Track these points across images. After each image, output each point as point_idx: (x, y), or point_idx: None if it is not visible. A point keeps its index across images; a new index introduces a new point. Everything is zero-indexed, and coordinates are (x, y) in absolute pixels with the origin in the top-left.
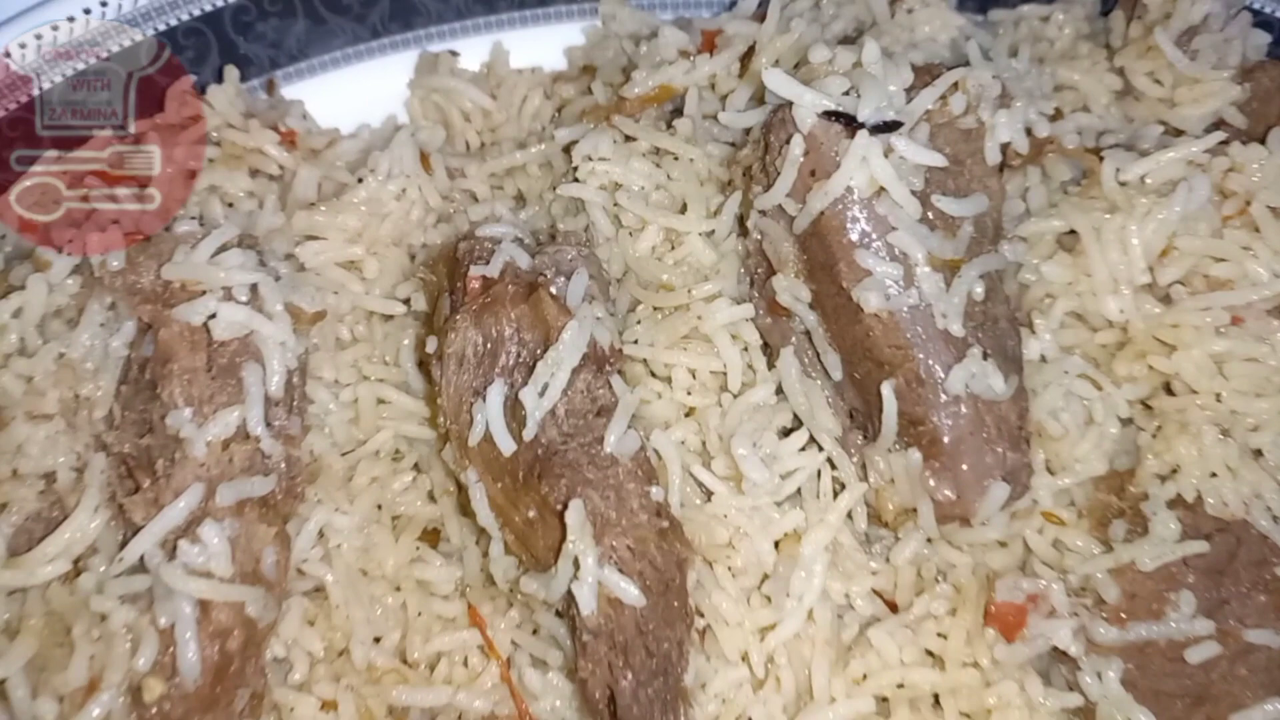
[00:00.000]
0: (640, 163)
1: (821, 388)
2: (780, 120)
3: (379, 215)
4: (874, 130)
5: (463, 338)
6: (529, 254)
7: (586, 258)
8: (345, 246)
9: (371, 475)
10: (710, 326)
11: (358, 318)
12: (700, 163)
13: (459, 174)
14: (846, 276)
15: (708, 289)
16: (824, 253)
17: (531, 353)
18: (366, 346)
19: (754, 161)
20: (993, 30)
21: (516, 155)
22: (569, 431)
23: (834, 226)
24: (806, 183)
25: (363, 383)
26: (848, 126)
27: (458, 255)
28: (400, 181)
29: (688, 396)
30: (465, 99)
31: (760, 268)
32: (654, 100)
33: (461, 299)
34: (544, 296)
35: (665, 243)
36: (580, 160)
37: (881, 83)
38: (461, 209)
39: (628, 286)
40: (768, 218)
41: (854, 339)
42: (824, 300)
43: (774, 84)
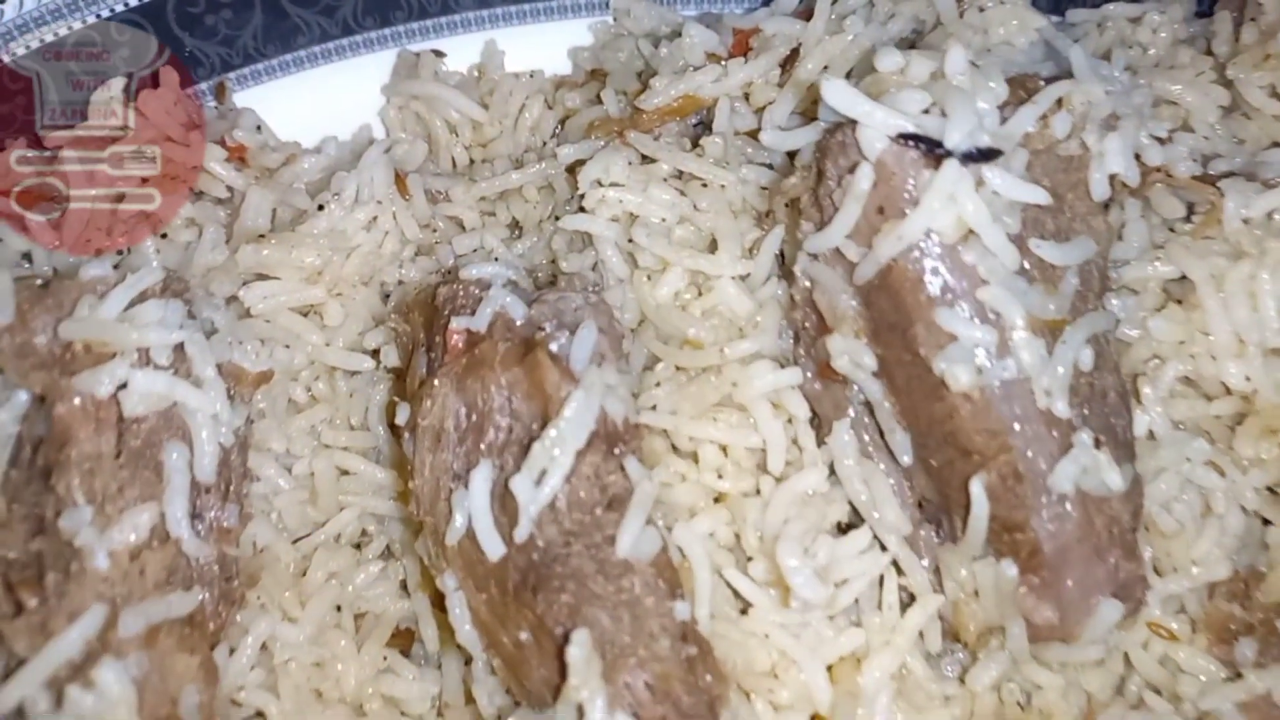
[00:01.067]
0: (660, 189)
1: (885, 472)
2: (840, 143)
3: (344, 249)
4: (965, 159)
5: (441, 407)
6: (524, 302)
7: (595, 306)
8: (302, 288)
9: (329, 569)
10: (747, 394)
11: (316, 374)
12: (733, 190)
13: (442, 197)
14: (924, 341)
15: (744, 348)
16: (894, 310)
17: (526, 429)
18: (326, 408)
19: (803, 192)
20: (1072, 33)
21: (512, 176)
22: (572, 530)
23: (908, 278)
24: (873, 222)
25: (321, 453)
26: (930, 154)
27: (437, 302)
28: (370, 208)
29: (718, 480)
30: (451, 108)
31: (809, 321)
32: (676, 113)
33: (440, 357)
34: (542, 358)
35: (691, 288)
36: (588, 186)
37: (971, 98)
38: (445, 240)
39: (644, 339)
40: (820, 263)
41: (931, 418)
42: (892, 368)
43: (835, 98)
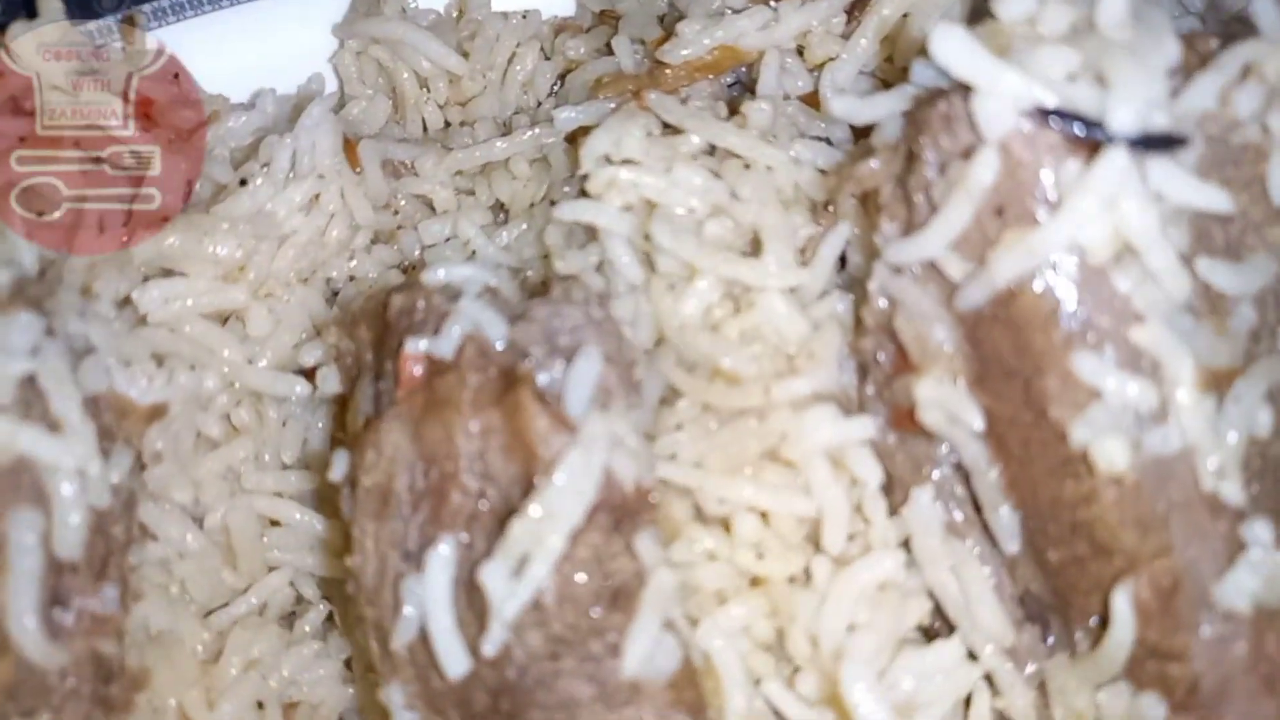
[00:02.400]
0: (688, 170)
1: (980, 557)
2: (946, 117)
3: (274, 237)
4: (1134, 148)
5: (390, 460)
6: (505, 318)
7: (599, 325)
8: (218, 287)
9: (250, 653)
10: (799, 449)
11: (237, 398)
12: (783, 173)
13: (407, 170)
14: (1056, 398)
15: (796, 388)
16: (1014, 352)
17: (503, 495)
18: (248, 443)
19: (884, 181)
20: None
21: (496, 145)
22: (563, 637)
23: (1038, 310)
24: (989, 229)
25: (240, 499)
26: (1082, 138)
27: (389, 315)
28: (309, 183)
29: (757, 560)
30: (421, 55)
31: (884, 353)
32: (710, 69)
33: (392, 392)
34: (526, 400)
35: (726, 301)
36: (593, 162)
37: (1141, 61)
38: (410, 225)
39: (663, 365)
40: (907, 278)
41: (1058, 499)
42: (1004, 427)
43: (948, 52)
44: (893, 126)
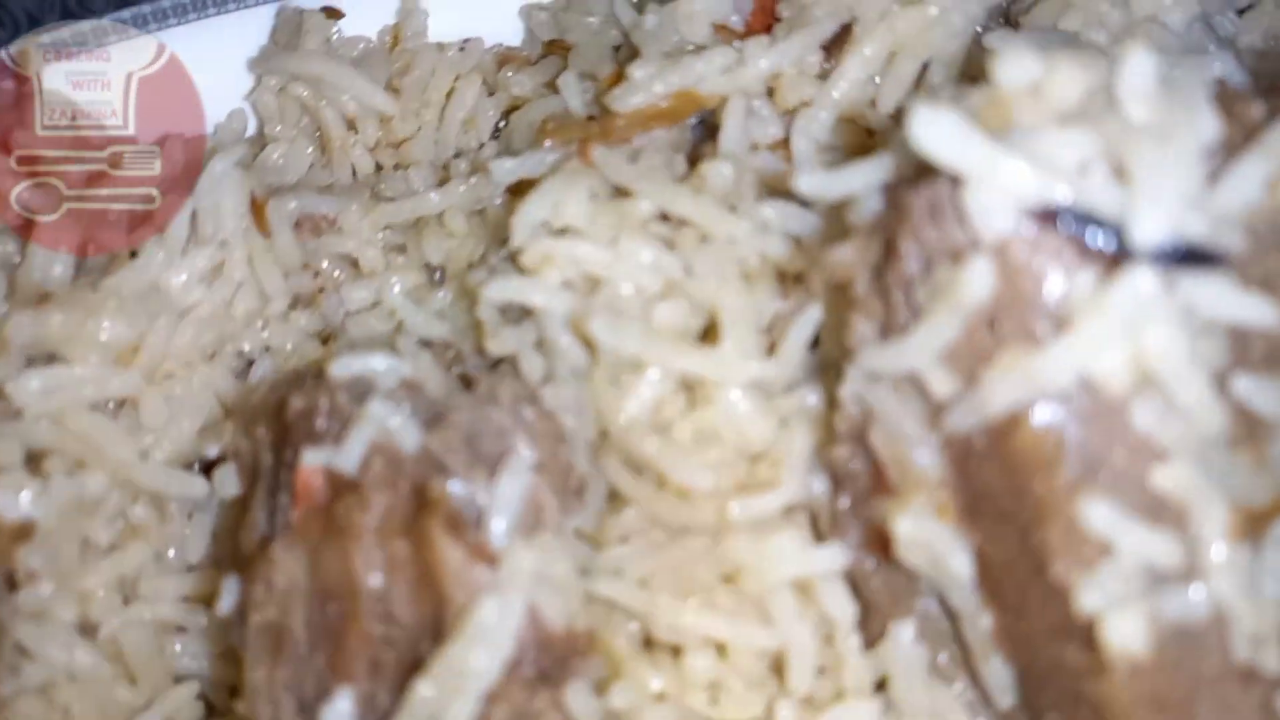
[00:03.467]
0: (636, 243)
1: (970, 707)
2: (931, 208)
3: (172, 312)
4: (1163, 264)
5: (284, 594)
6: (420, 422)
7: (531, 427)
8: (106, 373)
9: None
10: (762, 577)
11: (132, 496)
12: (747, 243)
13: (330, 226)
14: (1059, 551)
15: (759, 507)
16: (1009, 492)
17: (411, 641)
18: (143, 548)
19: (860, 271)
20: (1229, 3)
21: (430, 197)
22: None
23: (1037, 446)
24: (981, 344)
25: (136, 608)
26: (1097, 249)
27: (287, 418)
28: (211, 251)
29: (711, 705)
30: (346, 93)
31: (858, 464)
32: (666, 118)
33: (289, 510)
34: (436, 533)
35: (679, 394)
36: (527, 233)
37: (1173, 150)
38: (333, 286)
39: (608, 466)
40: (885, 388)
41: (1059, 665)
42: (998, 572)
43: (931, 139)
44: (871, 202)
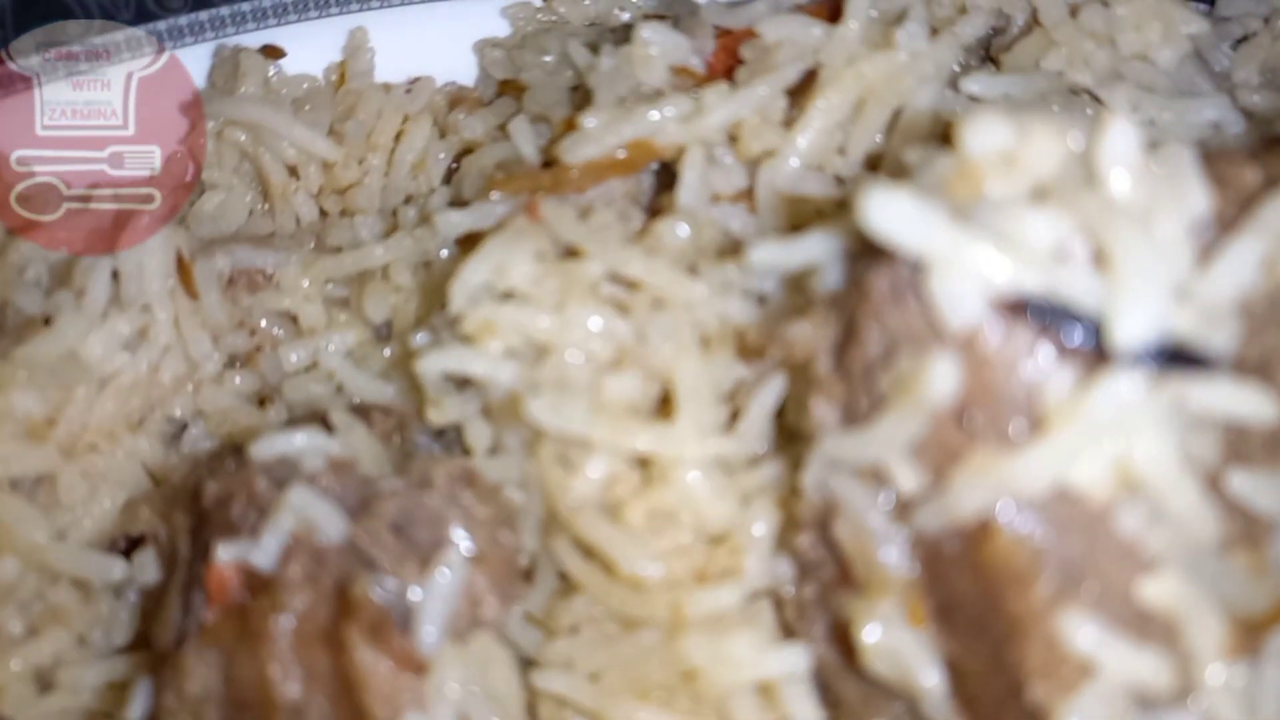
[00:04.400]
0: (585, 308)
1: None
2: (894, 293)
3: (93, 381)
4: (1150, 365)
5: (196, 703)
6: (345, 511)
7: (468, 512)
8: (18, 451)
9: None
10: (719, 680)
11: (50, 578)
12: (706, 307)
13: (265, 281)
14: (1037, 672)
15: (718, 600)
16: (981, 603)
17: None
18: (62, 634)
19: (820, 348)
20: (1224, 33)
21: (376, 251)
22: None
23: (1011, 556)
24: (950, 440)
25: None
26: (1075, 346)
27: (203, 506)
28: (136, 314)
29: None
30: (286, 139)
31: (821, 551)
32: (622, 169)
33: (200, 611)
34: (357, 641)
35: (631, 473)
36: (466, 300)
37: (1159, 233)
38: (269, 347)
39: (557, 548)
40: (847, 476)
41: None
42: (973, 684)
43: (887, 222)
44: (832, 272)
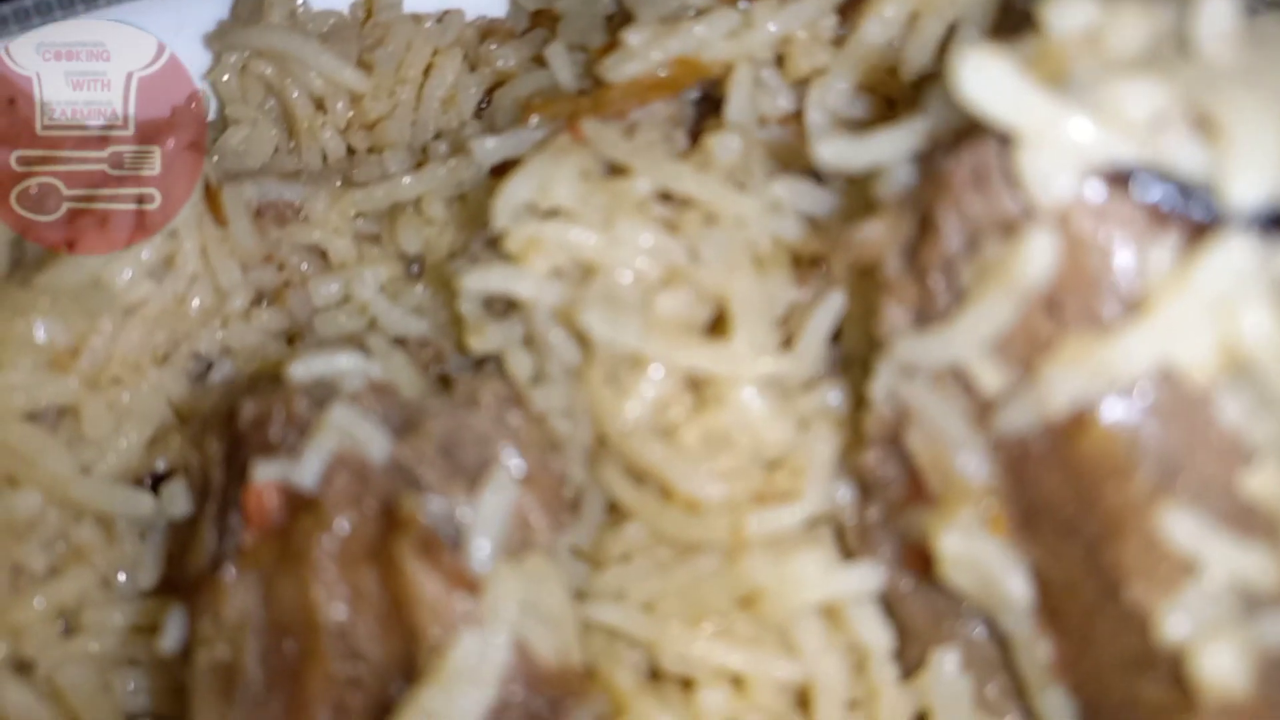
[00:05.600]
0: (635, 225)
1: None
2: (976, 174)
3: (118, 310)
4: (1259, 229)
5: (234, 630)
6: (389, 429)
7: (516, 434)
8: (40, 380)
9: None
10: (783, 602)
11: (73, 516)
12: (758, 224)
13: (296, 215)
14: (1135, 571)
15: (780, 520)
16: (1073, 502)
17: (380, 680)
18: (86, 573)
19: (889, 252)
20: None
21: (404, 182)
22: None
23: (1108, 448)
24: (1039, 329)
25: (77, 642)
26: (1182, 216)
27: (238, 428)
28: (162, 241)
29: None
30: (313, 69)
31: (890, 471)
32: (665, 89)
33: (240, 532)
34: (407, 557)
35: (685, 394)
36: (511, 216)
37: (1269, 96)
38: (299, 281)
39: (606, 476)
40: (922, 383)
41: (1131, 700)
42: (1059, 591)
43: (979, 88)
44: (901, 174)
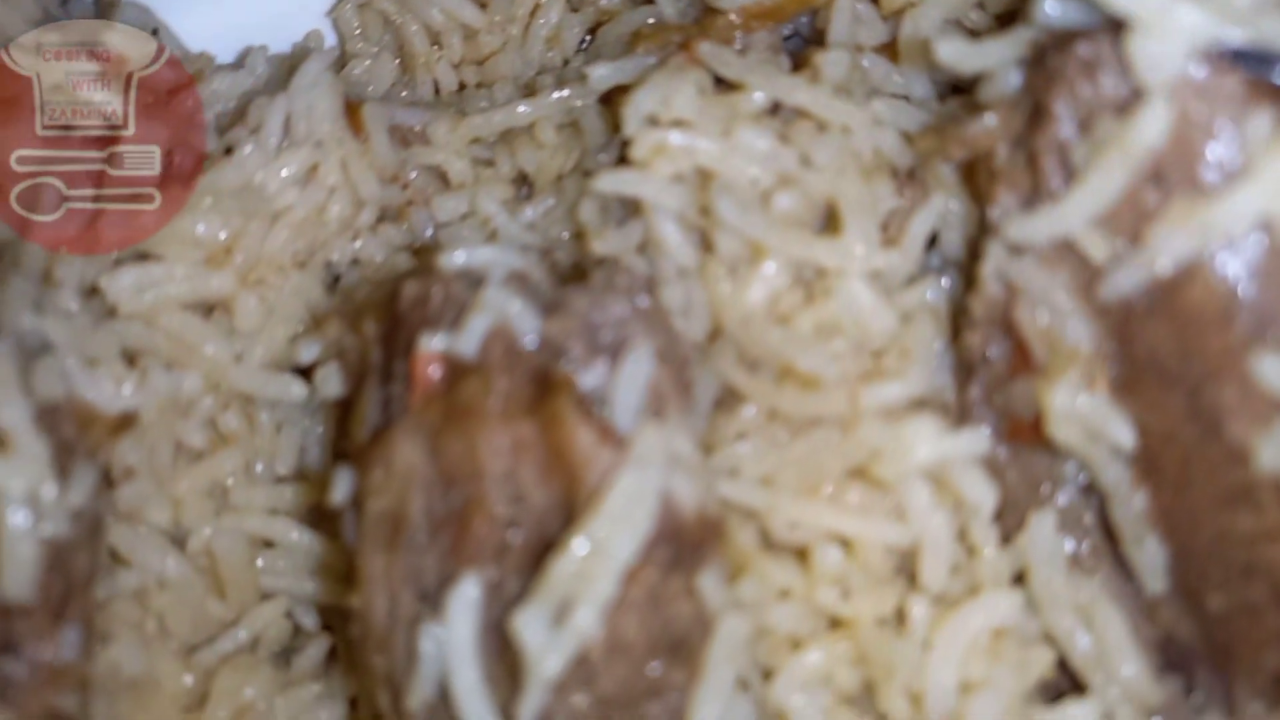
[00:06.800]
0: (752, 132)
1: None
2: (1087, 63)
3: (265, 214)
4: None
5: (402, 480)
6: (537, 309)
7: (649, 317)
8: (200, 273)
9: (240, 699)
10: (895, 466)
11: (222, 402)
12: (863, 135)
13: (418, 138)
14: (1234, 410)
15: (890, 393)
16: (1177, 352)
17: (539, 525)
18: (236, 454)
19: (1000, 144)
20: None
21: (519, 108)
22: (613, 697)
23: (1210, 299)
24: (1144, 201)
25: (229, 518)
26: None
27: (399, 307)
28: (306, 152)
29: (841, 599)
30: (434, 6)
31: (995, 350)
32: (771, 17)
33: (404, 399)
34: (566, 410)
35: (796, 288)
36: (638, 124)
37: None
38: (421, 201)
39: (720, 364)
40: (1030, 260)
41: (1227, 533)
42: (1157, 443)
43: None
44: (1009, 78)
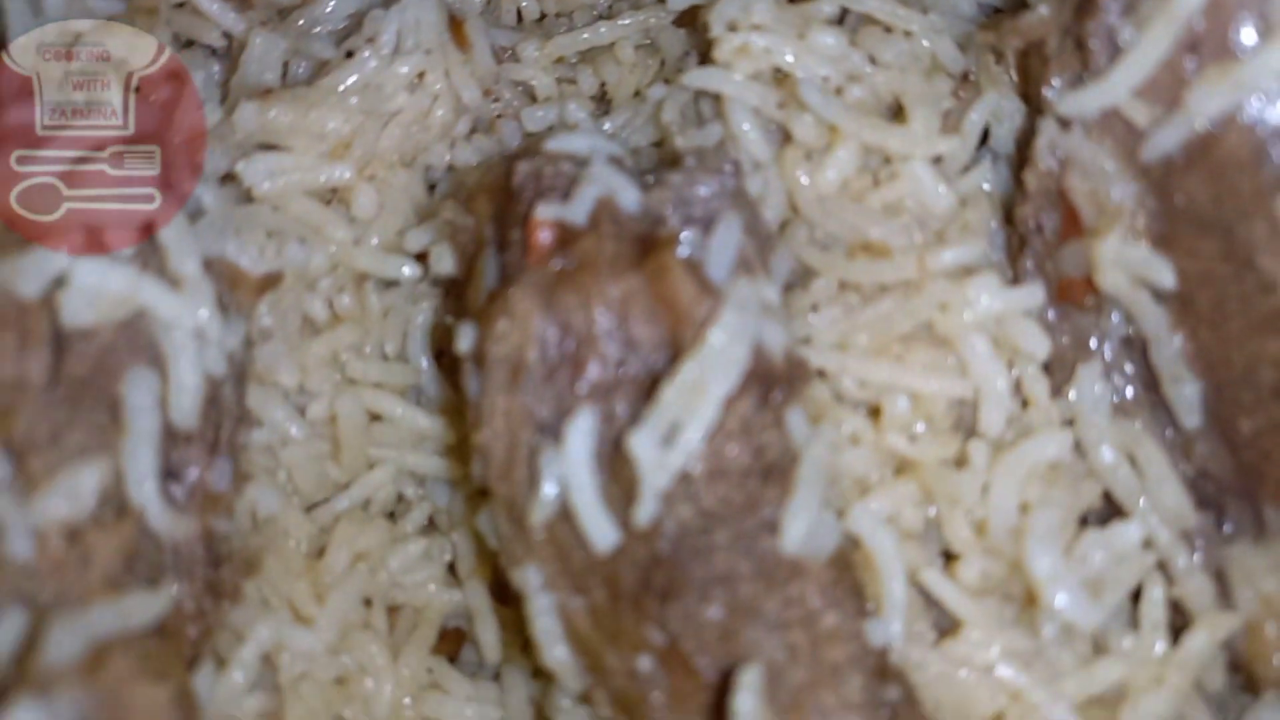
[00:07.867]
0: (824, 36)
1: (1151, 437)
2: None
3: (379, 115)
4: None
5: (521, 329)
6: (638, 184)
7: (736, 196)
8: (323, 164)
9: (356, 548)
10: (958, 321)
11: (340, 283)
12: (927, 40)
13: (507, 56)
14: (1265, 244)
15: (954, 257)
16: (1212, 198)
17: (646, 363)
18: (354, 330)
19: (1052, 32)
20: None
21: (600, 29)
22: (714, 511)
23: (1242, 147)
24: (1181, 69)
25: (347, 390)
26: None
27: (513, 183)
28: (417, 60)
29: (909, 443)
30: None
31: (1044, 220)
32: None
33: (520, 261)
34: (671, 262)
35: (865, 174)
36: (721, 30)
37: None
38: (510, 113)
39: (795, 245)
40: (1078, 133)
41: (1257, 358)
42: (1193, 286)
43: None
44: None
